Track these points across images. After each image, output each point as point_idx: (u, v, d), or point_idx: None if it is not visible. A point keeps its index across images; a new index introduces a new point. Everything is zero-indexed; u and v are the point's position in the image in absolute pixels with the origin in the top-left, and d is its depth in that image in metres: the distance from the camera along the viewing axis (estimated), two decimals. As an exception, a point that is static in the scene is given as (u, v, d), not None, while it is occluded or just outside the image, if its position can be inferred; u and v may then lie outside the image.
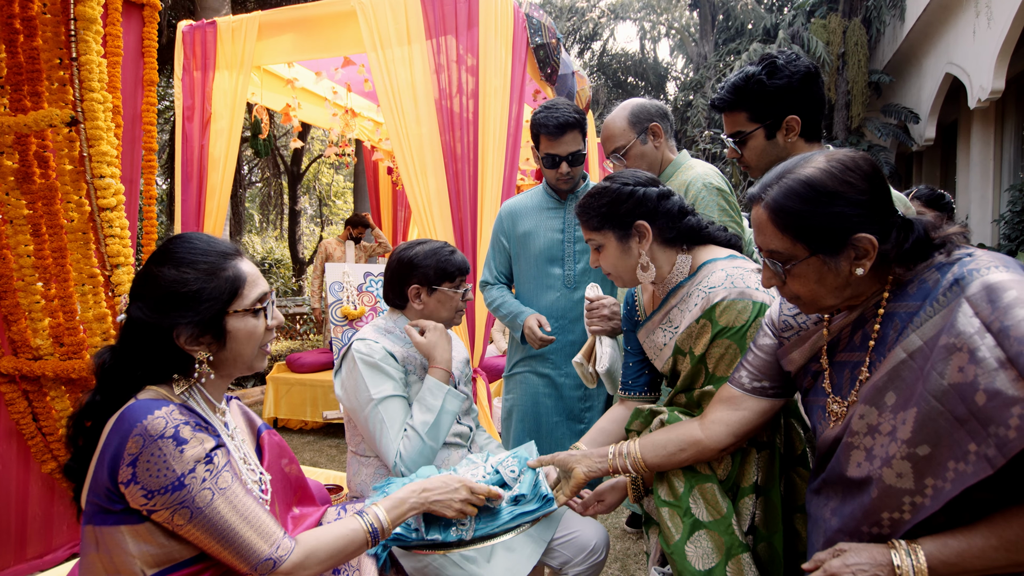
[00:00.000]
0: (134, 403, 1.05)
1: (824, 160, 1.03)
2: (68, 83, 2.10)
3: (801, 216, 1.02)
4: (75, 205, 2.15)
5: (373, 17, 3.38)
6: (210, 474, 1.03)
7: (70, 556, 2.50)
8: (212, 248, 1.17)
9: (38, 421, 2.34)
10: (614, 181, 1.48)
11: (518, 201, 2.44)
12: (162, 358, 1.12)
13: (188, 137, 3.89)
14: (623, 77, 21.35)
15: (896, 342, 1.01)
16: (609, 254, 1.49)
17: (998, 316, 0.87)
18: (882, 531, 1.01)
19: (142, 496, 0.99)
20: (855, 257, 1.01)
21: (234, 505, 1.05)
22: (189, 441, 1.01)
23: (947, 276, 0.97)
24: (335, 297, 4.46)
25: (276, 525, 1.10)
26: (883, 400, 1.01)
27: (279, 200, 20.25)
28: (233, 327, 1.15)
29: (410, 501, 1.29)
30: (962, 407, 0.89)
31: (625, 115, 2.07)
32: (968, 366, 0.89)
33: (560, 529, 1.77)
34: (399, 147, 3.35)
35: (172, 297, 1.10)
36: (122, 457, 0.99)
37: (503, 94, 3.26)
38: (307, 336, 8.54)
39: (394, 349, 1.75)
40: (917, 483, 0.95)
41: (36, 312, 2.26)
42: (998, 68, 7.65)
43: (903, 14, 11.05)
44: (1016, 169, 8.92)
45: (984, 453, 0.86)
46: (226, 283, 1.14)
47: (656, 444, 1.35)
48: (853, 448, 1.06)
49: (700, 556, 1.26)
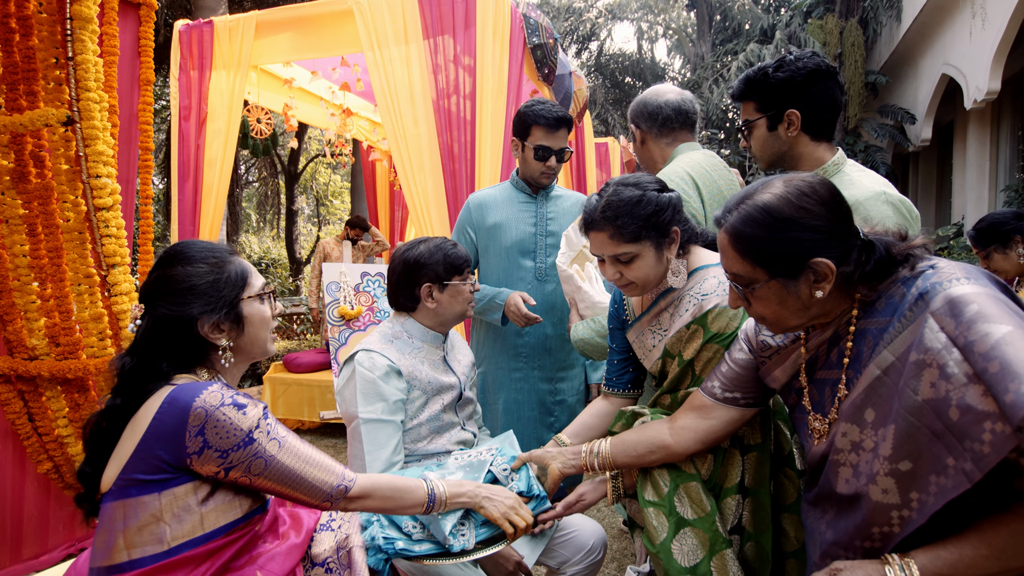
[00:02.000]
0: (181, 385, 1.12)
1: (781, 185, 1.05)
2: (64, 82, 2.09)
3: (759, 242, 1.04)
4: (71, 205, 2.15)
5: (370, 17, 3.38)
6: (271, 427, 1.14)
7: (66, 556, 2.49)
8: (214, 246, 1.28)
9: (34, 421, 2.33)
10: (644, 189, 1.40)
11: (487, 193, 2.45)
12: (186, 348, 1.20)
13: (185, 137, 3.88)
14: (620, 77, 21.35)
15: (870, 359, 1.03)
16: (644, 264, 1.41)
17: (962, 331, 0.89)
18: (874, 544, 1.02)
19: (217, 456, 1.08)
20: (814, 280, 1.03)
21: (297, 452, 1.16)
22: (246, 405, 1.12)
23: (912, 290, 0.99)
24: (332, 297, 4.45)
25: (336, 463, 1.22)
26: (863, 417, 1.03)
27: (276, 200, 20.23)
28: (248, 312, 1.26)
29: (468, 490, 1.38)
30: (938, 422, 0.90)
31: (629, 120, 2.15)
32: (939, 382, 0.90)
33: (558, 529, 1.77)
34: (396, 147, 3.35)
35: (192, 290, 1.20)
36: (186, 431, 1.07)
37: (500, 94, 3.27)
38: (304, 336, 8.54)
39: (400, 361, 1.70)
40: (903, 497, 0.96)
41: (32, 312, 2.25)
42: (994, 69, 7.67)
43: (899, 15, 11.07)
44: (1012, 169, 8.95)
45: (962, 467, 0.87)
46: (235, 273, 1.26)
47: (626, 444, 1.39)
48: (840, 465, 1.07)
49: (685, 553, 1.28)
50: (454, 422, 1.81)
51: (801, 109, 1.65)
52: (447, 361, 1.84)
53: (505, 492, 1.42)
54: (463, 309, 1.82)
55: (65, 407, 2.32)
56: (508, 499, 1.41)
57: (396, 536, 1.40)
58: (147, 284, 1.24)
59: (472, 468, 1.58)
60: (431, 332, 1.81)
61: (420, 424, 1.72)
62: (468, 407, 1.89)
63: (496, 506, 1.38)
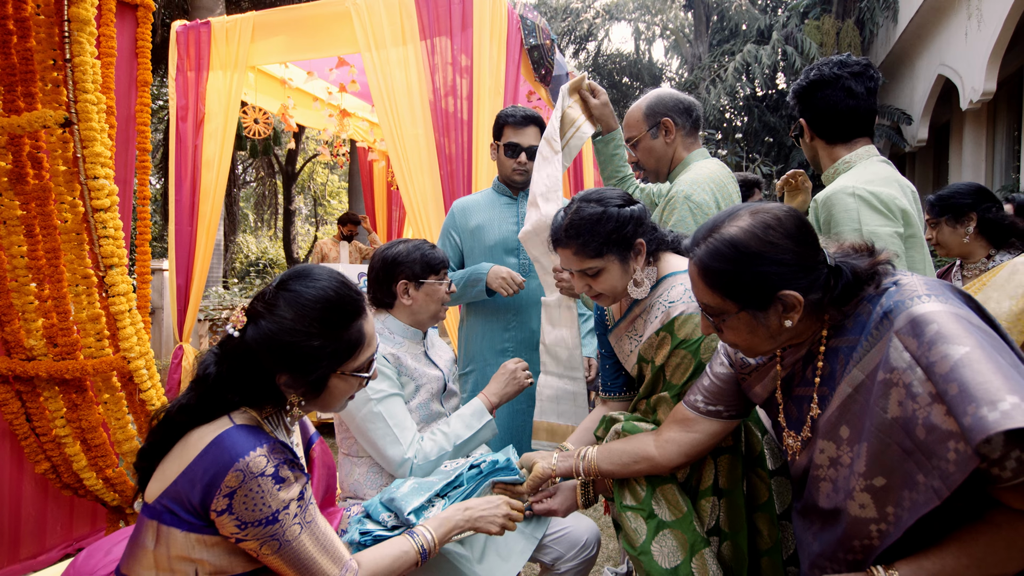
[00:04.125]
0: (231, 430, 1.06)
1: (748, 218, 1.05)
2: (62, 84, 2.10)
3: (726, 275, 1.05)
4: (69, 206, 2.16)
5: (367, 18, 3.38)
6: (301, 510, 1.08)
7: (63, 556, 2.50)
8: (345, 300, 1.14)
9: (31, 422, 2.34)
10: (606, 206, 1.43)
11: (469, 199, 2.57)
12: (258, 388, 1.13)
13: (182, 137, 3.89)
14: (618, 78, 21.37)
15: (842, 376, 1.05)
16: (610, 277, 1.46)
17: (923, 352, 0.90)
18: (856, 556, 1.04)
19: (235, 526, 1.03)
20: (783, 311, 1.04)
21: (316, 537, 1.10)
22: (287, 480, 1.06)
23: (877, 308, 1.01)
24: (329, 297, 4.45)
25: (345, 549, 1.17)
26: (838, 434, 1.05)
27: (273, 200, 20.19)
28: (334, 384, 1.17)
29: (455, 519, 1.34)
30: (907, 440, 0.92)
31: (643, 106, 2.04)
32: (906, 400, 0.92)
33: (552, 525, 1.79)
34: (394, 148, 3.36)
35: (290, 348, 1.09)
36: (219, 488, 1.02)
37: (497, 95, 3.28)
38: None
39: (386, 351, 1.77)
40: (880, 511, 0.98)
41: (30, 313, 2.26)
42: (989, 69, 7.71)
43: (896, 16, 11.11)
44: (1008, 170, 8.98)
45: (931, 484, 0.89)
46: (345, 346, 1.14)
47: (612, 453, 1.42)
48: (820, 480, 1.09)
49: (666, 555, 1.30)
50: (440, 412, 1.88)
51: (807, 118, 1.78)
52: (428, 356, 1.90)
53: (487, 501, 1.40)
54: (437, 309, 1.88)
55: (63, 407, 2.32)
56: (499, 508, 1.39)
57: (373, 528, 1.40)
58: (260, 302, 1.13)
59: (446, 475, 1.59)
60: (410, 329, 1.87)
61: (411, 411, 1.78)
62: (452, 399, 1.96)
63: (490, 520, 1.36)
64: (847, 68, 1.70)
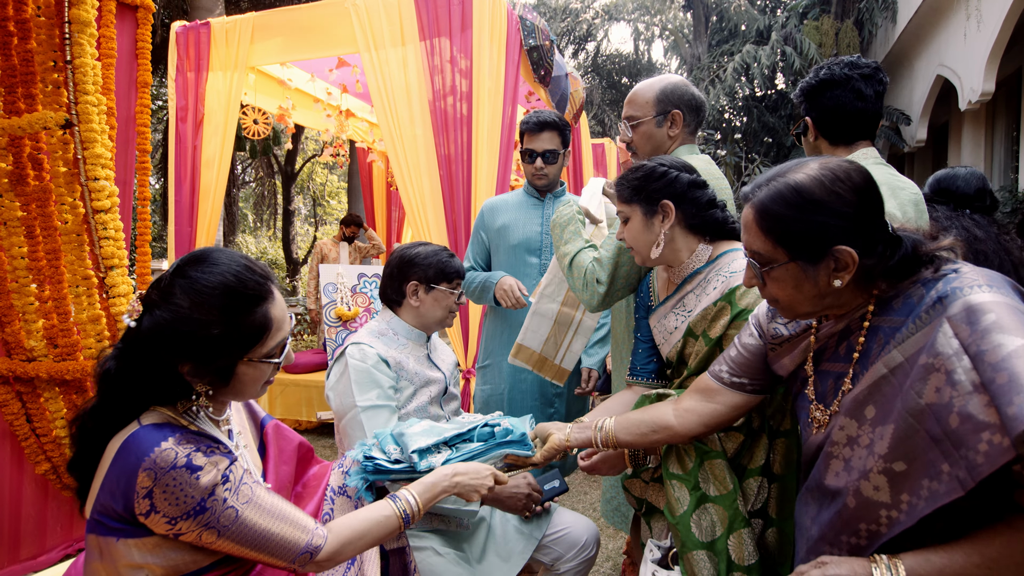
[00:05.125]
0: (138, 431, 1.01)
1: (817, 167, 1.02)
2: (62, 86, 2.11)
3: (784, 220, 1.01)
4: (69, 207, 2.16)
5: (367, 19, 3.39)
6: (230, 492, 1.02)
7: (64, 557, 2.50)
8: (247, 284, 1.08)
9: (32, 422, 2.34)
10: (652, 160, 1.53)
11: (499, 198, 2.64)
12: (162, 381, 1.07)
13: (182, 137, 3.89)
14: (617, 78, 21.37)
15: (879, 356, 1.02)
16: (633, 227, 1.54)
17: (975, 339, 0.87)
18: (860, 541, 1.02)
19: (166, 523, 0.99)
20: (834, 268, 1.01)
21: (263, 512, 1.05)
22: (204, 467, 1.00)
23: (931, 293, 0.97)
24: (329, 298, 4.46)
25: (306, 516, 1.11)
26: (863, 413, 1.02)
27: (273, 200, 20.18)
28: (242, 371, 1.11)
29: (441, 485, 1.30)
30: (937, 427, 0.89)
31: (656, 89, 1.91)
32: (945, 387, 0.89)
33: (551, 526, 1.79)
34: (393, 148, 3.36)
35: (189, 337, 1.03)
36: (135, 491, 0.97)
37: (496, 96, 3.28)
38: (301, 336, 8.53)
39: (387, 354, 1.76)
40: (893, 497, 0.96)
41: (30, 314, 2.26)
42: (988, 70, 7.71)
43: (895, 16, 11.12)
44: (1007, 170, 8.99)
45: (956, 474, 0.87)
46: (249, 331, 1.08)
47: (630, 422, 1.39)
48: (832, 458, 1.07)
49: (704, 528, 1.30)
50: (439, 415, 1.87)
51: (813, 117, 1.78)
52: (431, 359, 1.90)
53: (475, 469, 1.34)
54: (443, 316, 1.88)
55: (63, 408, 2.33)
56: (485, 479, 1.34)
57: (378, 456, 1.37)
58: (155, 289, 1.07)
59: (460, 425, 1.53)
60: (415, 331, 1.87)
61: (408, 414, 1.77)
62: (452, 403, 1.96)
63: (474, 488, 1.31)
64: (857, 70, 1.70)
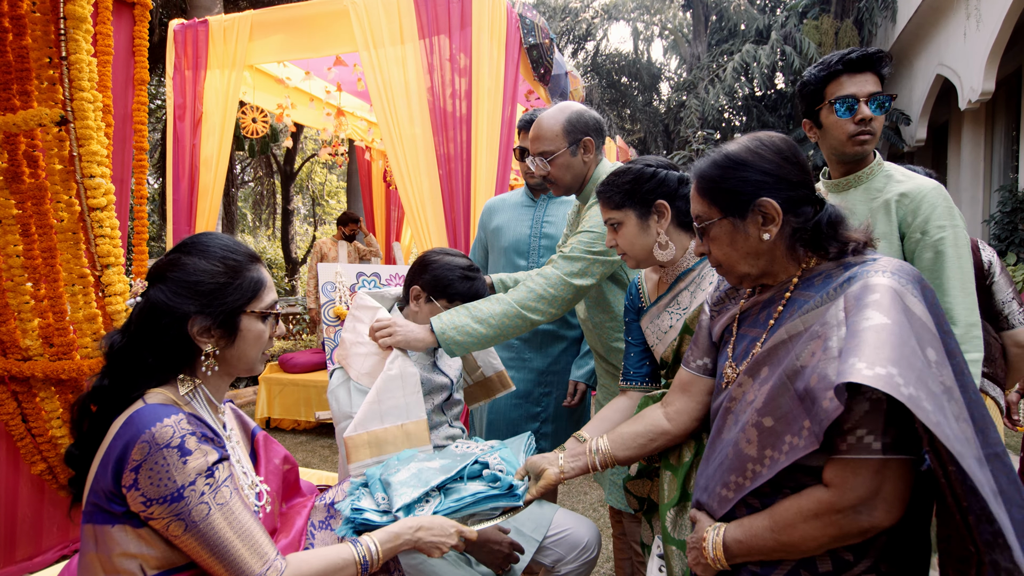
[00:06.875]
0: (143, 407, 1.05)
1: (747, 137, 1.16)
2: (58, 82, 2.09)
3: (715, 180, 1.15)
4: (65, 205, 2.14)
5: (366, 17, 3.37)
6: (209, 488, 1.04)
7: (60, 558, 2.48)
8: (239, 248, 1.23)
9: (27, 422, 2.32)
10: (636, 163, 1.54)
11: (499, 198, 2.64)
12: (173, 344, 1.14)
13: (180, 136, 3.88)
14: (617, 77, 21.37)
15: (785, 323, 1.09)
16: (627, 232, 1.54)
17: (853, 312, 0.94)
18: (728, 492, 1.09)
19: (141, 503, 1.01)
20: (762, 223, 1.11)
21: (230, 521, 1.06)
22: (193, 452, 1.03)
23: (846, 274, 1.05)
24: (328, 297, 4.44)
25: (270, 544, 1.11)
26: (759, 373, 1.09)
27: (272, 199, 20.15)
28: (245, 326, 1.20)
29: (404, 537, 1.28)
30: (802, 385, 0.97)
31: (561, 121, 1.93)
32: (819, 352, 0.96)
33: (552, 527, 1.78)
34: (392, 147, 3.35)
35: (198, 286, 1.15)
36: (127, 462, 1.00)
37: (496, 94, 3.27)
38: (300, 336, 8.52)
39: None
40: (759, 452, 1.02)
41: (25, 312, 2.24)
42: (988, 69, 7.71)
43: (895, 16, 11.12)
44: (1006, 170, 8.99)
45: (813, 429, 0.93)
46: (249, 283, 1.20)
47: (626, 438, 1.38)
48: (729, 413, 1.14)
49: (679, 527, 1.31)
50: (443, 421, 1.86)
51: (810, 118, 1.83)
52: (437, 365, 1.86)
53: (441, 527, 1.31)
54: None
55: (59, 408, 2.31)
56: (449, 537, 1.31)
57: (367, 508, 1.36)
58: (159, 264, 1.18)
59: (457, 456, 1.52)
60: None
61: None
62: (456, 407, 1.93)
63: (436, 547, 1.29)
64: None
